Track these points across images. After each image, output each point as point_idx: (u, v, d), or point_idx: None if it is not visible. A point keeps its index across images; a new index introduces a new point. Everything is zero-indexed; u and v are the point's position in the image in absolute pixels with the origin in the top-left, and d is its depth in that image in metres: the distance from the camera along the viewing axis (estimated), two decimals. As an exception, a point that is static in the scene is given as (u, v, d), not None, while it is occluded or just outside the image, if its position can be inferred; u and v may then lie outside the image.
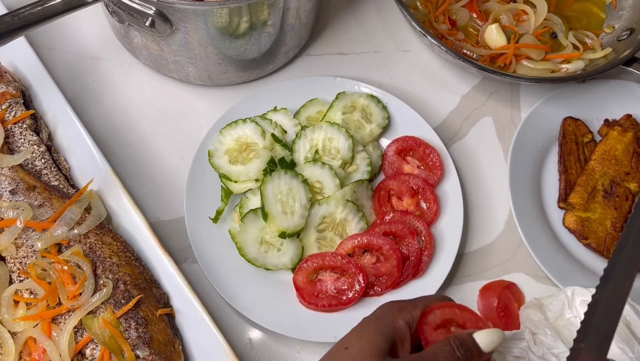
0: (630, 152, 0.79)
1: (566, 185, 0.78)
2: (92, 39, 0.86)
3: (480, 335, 0.48)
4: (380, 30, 0.91)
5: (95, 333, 0.61)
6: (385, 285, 0.69)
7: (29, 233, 0.66)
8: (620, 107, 0.84)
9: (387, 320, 0.48)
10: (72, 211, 0.66)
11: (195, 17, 0.68)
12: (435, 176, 0.76)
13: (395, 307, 0.50)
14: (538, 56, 0.84)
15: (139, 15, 0.68)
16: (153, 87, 0.84)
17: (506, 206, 0.79)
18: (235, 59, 0.78)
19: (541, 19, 0.87)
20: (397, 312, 0.49)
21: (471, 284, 0.74)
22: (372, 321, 0.49)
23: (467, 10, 0.88)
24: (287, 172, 0.71)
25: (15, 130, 0.72)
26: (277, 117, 0.77)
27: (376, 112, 0.79)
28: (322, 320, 0.68)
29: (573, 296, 0.68)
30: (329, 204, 0.71)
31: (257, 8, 0.70)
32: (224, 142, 0.75)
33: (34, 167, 0.71)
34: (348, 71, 0.87)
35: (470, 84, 0.88)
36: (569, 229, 0.76)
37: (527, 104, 0.86)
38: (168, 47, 0.75)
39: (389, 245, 0.70)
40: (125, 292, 0.64)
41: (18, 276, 0.65)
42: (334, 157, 0.75)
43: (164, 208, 0.76)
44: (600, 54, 0.85)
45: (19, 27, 0.63)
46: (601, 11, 0.91)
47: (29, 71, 0.78)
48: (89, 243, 0.66)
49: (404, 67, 0.88)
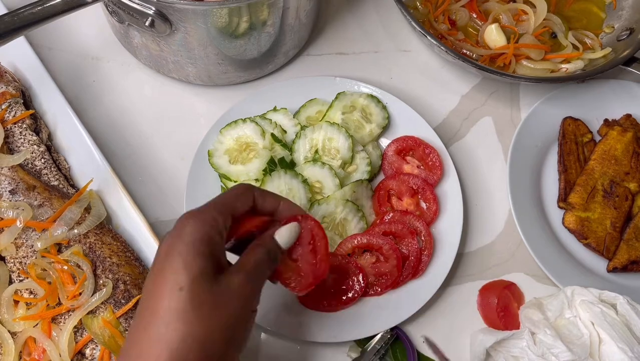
0: (629, 152, 0.79)
1: (566, 185, 0.78)
2: (92, 39, 0.86)
3: (279, 234, 0.54)
4: (380, 30, 0.91)
5: (95, 333, 0.61)
6: (385, 285, 0.69)
7: (28, 233, 0.66)
8: (620, 107, 0.84)
9: (202, 241, 0.48)
10: (72, 211, 0.66)
11: (195, 17, 0.68)
12: (435, 176, 0.76)
13: (199, 222, 0.49)
14: (538, 56, 0.84)
15: (138, 15, 0.68)
16: (153, 87, 0.84)
17: (506, 206, 0.79)
18: (235, 59, 0.78)
19: (541, 19, 0.87)
20: (206, 227, 0.49)
21: (471, 284, 0.74)
22: (184, 247, 0.47)
23: (466, 10, 0.88)
24: (287, 172, 0.71)
25: (15, 130, 0.72)
26: (276, 117, 0.77)
27: (376, 112, 0.79)
28: (323, 319, 0.68)
29: (573, 296, 0.68)
30: (329, 204, 0.71)
31: (257, 8, 0.70)
32: (223, 142, 0.75)
33: (34, 167, 0.71)
34: (348, 71, 0.87)
35: (470, 84, 0.88)
36: (569, 229, 0.76)
37: (526, 104, 0.86)
38: (168, 47, 0.75)
39: (388, 245, 0.70)
40: (125, 292, 0.64)
41: (18, 276, 0.65)
42: (334, 157, 0.75)
43: (164, 208, 0.76)
44: (600, 54, 0.85)
45: (19, 27, 0.63)
46: (601, 11, 0.91)
47: (29, 70, 0.78)
48: (89, 242, 0.66)
49: (404, 67, 0.88)
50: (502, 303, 0.71)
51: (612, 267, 0.74)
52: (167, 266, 0.47)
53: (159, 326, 0.45)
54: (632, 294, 0.69)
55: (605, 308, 0.66)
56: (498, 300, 0.71)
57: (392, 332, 0.69)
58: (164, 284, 0.46)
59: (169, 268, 0.47)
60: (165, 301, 0.45)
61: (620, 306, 0.67)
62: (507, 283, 0.74)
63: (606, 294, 0.68)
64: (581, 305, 0.67)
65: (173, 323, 0.45)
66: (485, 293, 0.73)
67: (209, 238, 0.48)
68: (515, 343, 0.66)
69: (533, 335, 0.66)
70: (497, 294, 0.71)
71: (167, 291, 0.46)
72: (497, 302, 0.71)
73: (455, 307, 0.73)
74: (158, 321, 0.45)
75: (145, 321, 0.46)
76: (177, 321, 0.45)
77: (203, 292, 0.46)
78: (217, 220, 0.50)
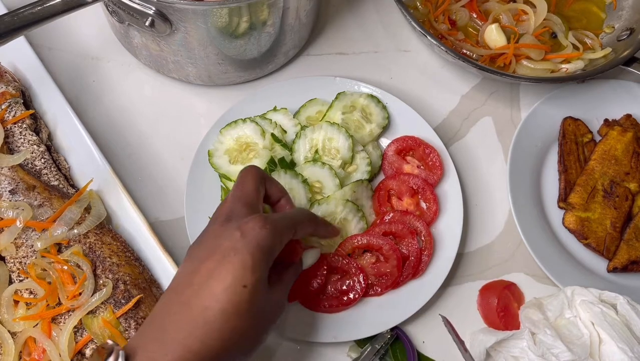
0: (630, 152, 0.79)
1: (566, 185, 0.78)
2: (92, 39, 0.86)
3: (305, 256, 0.66)
4: (380, 30, 0.91)
5: (95, 333, 0.61)
6: (385, 285, 0.69)
7: (28, 233, 0.66)
8: (620, 107, 0.84)
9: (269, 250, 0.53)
10: (72, 211, 0.66)
11: (195, 17, 0.68)
12: (435, 175, 0.76)
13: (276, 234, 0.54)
14: (538, 56, 0.84)
15: (138, 15, 0.68)
16: (153, 87, 0.84)
17: (506, 206, 0.79)
18: (235, 59, 0.78)
19: (541, 19, 0.87)
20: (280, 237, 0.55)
21: (471, 284, 0.74)
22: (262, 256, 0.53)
23: (467, 10, 0.88)
24: (287, 172, 0.71)
25: (15, 130, 0.72)
26: (277, 117, 0.77)
27: (376, 112, 0.79)
28: (323, 320, 0.68)
29: (573, 296, 0.68)
30: (329, 204, 0.71)
31: (257, 8, 0.70)
32: (224, 142, 0.75)
33: (34, 167, 0.71)
34: (348, 71, 0.87)
35: (470, 84, 0.88)
36: (569, 229, 0.76)
37: (527, 104, 0.86)
38: (168, 47, 0.75)
39: (388, 245, 0.70)
40: (125, 292, 0.64)
41: (18, 276, 0.65)
42: (334, 157, 0.75)
43: (164, 208, 0.76)
44: (600, 54, 0.85)
45: (19, 27, 0.63)
46: (601, 11, 0.91)
47: (28, 70, 0.78)
48: (89, 242, 0.66)
49: (404, 67, 0.88)
50: (502, 303, 0.71)
51: (612, 267, 0.74)
52: (235, 258, 0.51)
53: (212, 311, 0.49)
54: (632, 294, 0.69)
55: (606, 308, 0.66)
56: (498, 300, 0.71)
57: (392, 332, 0.69)
58: (227, 273, 0.50)
59: (238, 262, 0.51)
60: (226, 290, 0.50)
61: (621, 306, 0.67)
62: (507, 283, 0.74)
63: (606, 295, 0.68)
64: (581, 305, 0.67)
65: (230, 315, 0.49)
66: (485, 293, 0.73)
67: (275, 250, 0.54)
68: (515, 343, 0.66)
69: (533, 335, 0.66)
70: (497, 294, 0.71)
71: (230, 283, 0.50)
72: (497, 302, 0.71)
73: (455, 307, 0.73)
74: (213, 305, 0.49)
75: (189, 294, 0.50)
76: (234, 315, 0.49)
77: (261, 296, 0.52)
78: (285, 238, 0.56)
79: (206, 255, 0.52)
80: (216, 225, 0.55)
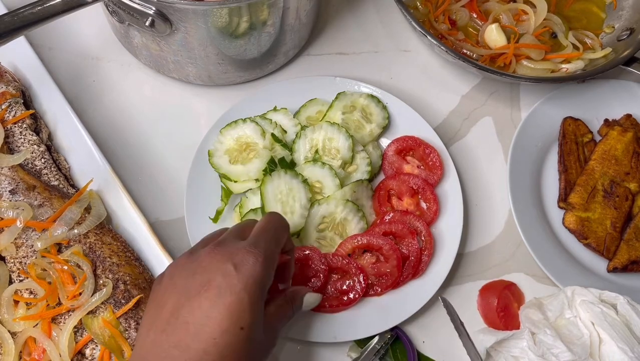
0: (630, 152, 0.79)
1: (566, 185, 0.78)
2: (92, 39, 0.86)
3: (307, 297, 0.63)
4: (380, 30, 0.91)
5: (95, 333, 0.61)
6: (386, 285, 0.69)
7: (28, 233, 0.66)
8: (620, 107, 0.84)
9: (264, 285, 0.52)
10: (72, 211, 0.66)
11: (195, 17, 0.68)
12: (435, 175, 0.76)
13: (269, 265, 0.53)
14: (538, 56, 0.84)
15: (138, 15, 0.68)
16: (153, 87, 0.84)
17: (506, 206, 0.79)
18: (235, 59, 0.78)
19: (541, 19, 0.87)
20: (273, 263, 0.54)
21: (471, 284, 0.74)
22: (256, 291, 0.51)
23: (467, 10, 0.88)
24: (287, 172, 0.71)
25: (15, 130, 0.72)
26: (277, 117, 0.77)
27: (376, 112, 0.79)
28: (323, 320, 0.68)
29: (573, 296, 0.68)
30: (329, 204, 0.71)
31: (257, 8, 0.70)
32: (224, 142, 0.75)
33: (34, 167, 0.71)
34: (348, 70, 0.87)
35: (470, 84, 0.88)
36: (569, 229, 0.76)
37: (527, 104, 0.86)
38: (168, 47, 0.75)
39: (389, 245, 0.70)
40: (125, 292, 0.64)
41: (18, 276, 0.65)
42: (334, 157, 0.75)
43: (164, 208, 0.76)
44: (600, 54, 0.85)
45: (19, 27, 0.63)
46: (601, 11, 0.91)
47: (29, 70, 0.78)
48: (89, 242, 0.66)
49: (404, 67, 0.88)
50: (502, 303, 0.71)
51: (613, 267, 0.74)
52: (232, 299, 0.49)
53: (212, 356, 0.48)
54: (632, 294, 0.69)
55: (606, 308, 0.66)
56: (498, 300, 0.71)
57: (392, 332, 0.69)
58: (224, 315, 0.49)
59: (235, 303, 0.49)
60: (223, 333, 0.48)
61: (621, 306, 0.67)
62: (507, 283, 0.74)
63: (606, 295, 0.68)
64: (581, 305, 0.67)
65: (226, 358, 0.48)
66: (485, 293, 0.73)
67: (270, 279, 0.53)
68: (515, 343, 0.66)
69: (533, 335, 0.66)
70: (497, 294, 0.71)
71: (228, 326, 0.48)
72: (497, 302, 0.71)
73: (455, 307, 0.73)
74: (212, 350, 0.48)
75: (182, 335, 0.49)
76: (230, 357, 0.48)
77: (258, 335, 0.51)
78: (276, 260, 0.55)
79: (196, 289, 0.50)
80: (207, 248, 0.54)
